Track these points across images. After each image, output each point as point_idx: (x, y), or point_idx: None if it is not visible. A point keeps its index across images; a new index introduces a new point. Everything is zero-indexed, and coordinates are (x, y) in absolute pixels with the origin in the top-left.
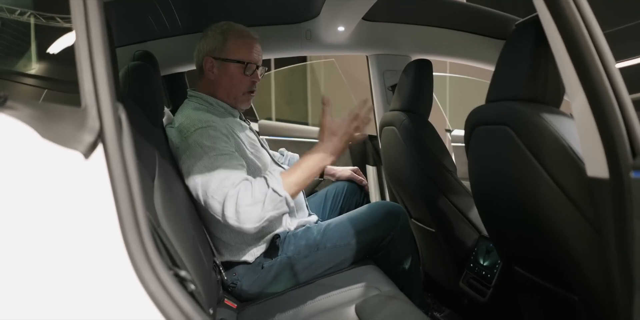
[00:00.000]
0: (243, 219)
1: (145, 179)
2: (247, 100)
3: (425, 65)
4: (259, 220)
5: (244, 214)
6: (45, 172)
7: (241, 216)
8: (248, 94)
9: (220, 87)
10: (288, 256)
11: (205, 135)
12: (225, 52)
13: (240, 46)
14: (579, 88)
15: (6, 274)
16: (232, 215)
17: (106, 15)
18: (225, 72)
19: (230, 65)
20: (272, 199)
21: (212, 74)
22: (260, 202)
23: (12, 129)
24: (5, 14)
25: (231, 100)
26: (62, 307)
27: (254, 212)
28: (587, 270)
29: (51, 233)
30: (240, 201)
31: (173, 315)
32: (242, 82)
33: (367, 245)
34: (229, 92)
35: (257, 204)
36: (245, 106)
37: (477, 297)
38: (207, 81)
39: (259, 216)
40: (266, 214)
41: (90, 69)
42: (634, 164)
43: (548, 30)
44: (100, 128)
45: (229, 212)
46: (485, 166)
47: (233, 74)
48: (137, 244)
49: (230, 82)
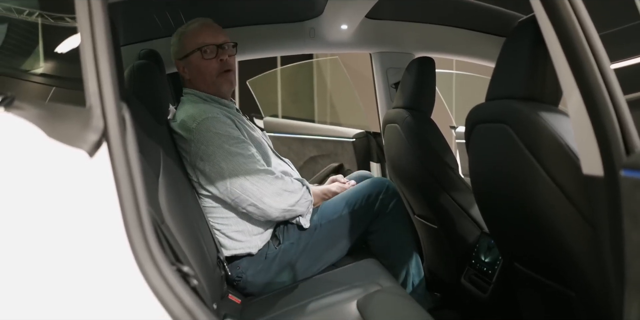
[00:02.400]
0: (280, 200)
1: (150, 176)
2: (226, 81)
3: (428, 63)
4: (289, 206)
5: (282, 196)
6: (51, 170)
7: (279, 198)
8: (223, 74)
9: (197, 81)
10: (290, 242)
11: (214, 123)
12: (182, 50)
13: (190, 37)
14: (574, 87)
15: (13, 270)
16: (270, 194)
17: (111, 15)
18: (192, 66)
19: (190, 58)
20: (305, 197)
21: (186, 74)
22: (298, 194)
23: (19, 129)
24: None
25: (212, 88)
26: (67, 302)
27: (290, 198)
28: (583, 266)
29: (57, 229)
30: (282, 185)
31: (175, 310)
32: (209, 66)
33: (359, 214)
34: (205, 81)
35: (295, 194)
36: (227, 86)
37: (478, 293)
38: (187, 82)
39: (292, 203)
40: (296, 206)
41: (94, 69)
42: (624, 163)
43: (544, 30)
44: (104, 127)
45: (268, 191)
46: (485, 164)
47: (197, 64)
48: (141, 240)
49: (199, 71)
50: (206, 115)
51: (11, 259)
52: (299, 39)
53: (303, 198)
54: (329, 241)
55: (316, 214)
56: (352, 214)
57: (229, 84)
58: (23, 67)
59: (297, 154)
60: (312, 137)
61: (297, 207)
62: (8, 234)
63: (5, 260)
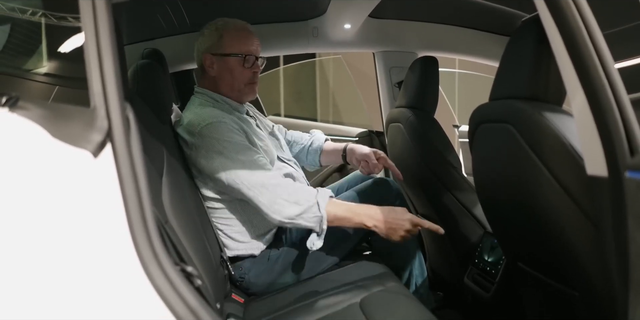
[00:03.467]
0: (277, 209)
1: (154, 176)
2: (251, 91)
3: (431, 62)
4: (288, 219)
5: (279, 205)
6: (56, 170)
7: (276, 206)
8: (250, 85)
9: (223, 82)
10: (293, 243)
11: (218, 129)
12: (222, 47)
13: (236, 40)
14: (578, 87)
15: (18, 269)
16: (265, 203)
17: (115, 14)
18: (225, 66)
19: (229, 59)
20: (313, 211)
21: (213, 70)
22: (302, 206)
23: (24, 129)
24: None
25: (235, 93)
26: (71, 302)
27: (289, 209)
28: (586, 266)
29: (61, 230)
30: (280, 192)
31: (179, 310)
32: (243, 74)
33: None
34: (232, 86)
35: (297, 206)
36: (251, 97)
37: (481, 292)
38: (208, 78)
39: (292, 215)
40: (298, 220)
41: (99, 70)
42: (628, 164)
43: (548, 30)
44: (108, 128)
45: (263, 199)
46: (488, 163)
47: (233, 68)
48: (145, 240)
49: (232, 76)
50: (210, 120)
51: (16, 259)
52: (302, 38)
53: (309, 212)
54: (332, 242)
55: None
56: None
57: (253, 95)
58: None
59: None
60: None
61: (299, 220)
62: (13, 233)
63: (10, 260)
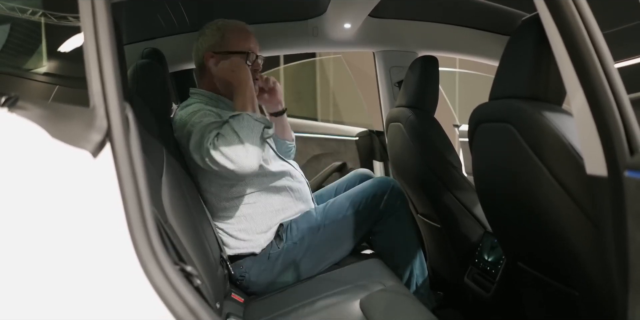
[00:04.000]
0: (236, 160)
1: (153, 176)
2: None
3: (431, 61)
4: (245, 154)
5: (233, 156)
6: (55, 170)
7: (233, 158)
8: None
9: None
10: (293, 242)
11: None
12: (224, 45)
13: (238, 38)
14: (578, 87)
15: (17, 269)
16: (224, 162)
17: (114, 14)
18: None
19: (232, 57)
20: (240, 125)
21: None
22: (235, 134)
23: (23, 129)
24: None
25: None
26: (70, 301)
27: (237, 149)
28: (586, 266)
29: (60, 229)
30: (220, 146)
31: (179, 310)
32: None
33: (363, 214)
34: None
35: (234, 139)
36: None
37: (481, 292)
38: (209, 77)
39: (245, 149)
40: (248, 142)
41: (98, 70)
42: (628, 163)
43: (548, 29)
44: (108, 127)
45: (220, 159)
46: (488, 163)
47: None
48: (144, 240)
49: None
50: (193, 109)
51: (15, 259)
52: (302, 38)
53: (243, 133)
54: (333, 241)
55: (320, 213)
56: (357, 214)
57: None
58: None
59: (300, 153)
60: (315, 135)
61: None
62: (12, 233)
63: (10, 260)
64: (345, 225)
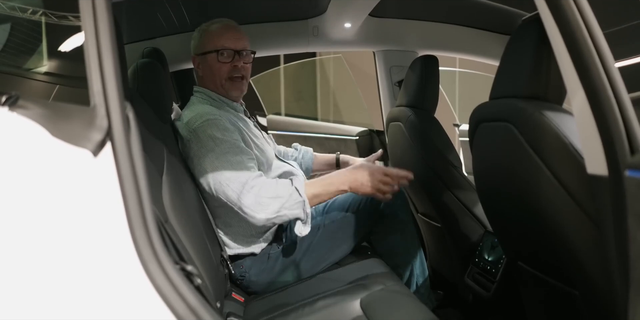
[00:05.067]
0: (260, 209)
1: (154, 175)
2: (235, 87)
3: (431, 61)
4: (273, 213)
5: (263, 205)
6: (56, 169)
7: (259, 207)
8: (232, 79)
9: (207, 80)
10: (293, 242)
11: (213, 126)
12: (201, 46)
13: (211, 37)
14: (578, 86)
15: (17, 269)
16: (249, 204)
17: (115, 13)
18: (206, 64)
19: (207, 57)
20: (294, 198)
21: (200, 70)
22: (283, 197)
23: (24, 128)
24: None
25: (220, 89)
26: (70, 301)
27: (273, 204)
28: (587, 265)
29: (61, 229)
30: (263, 192)
31: (179, 309)
32: (221, 68)
33: (363, 215)
34: (214, 82)
35: (279, 199)
36: (236, 92)
37: (481, 291)
38: (199, 78)
39: (275, 210)
40: (283, 211)
41: (98, 69)
42: (629, 163)
43: (549, 29)
44: (108, 127)
45: (246, 200)
46: (489, 163)
47: (211, 64)
48: (145, 239)
49: (212, 72)
50: (207, 117)
51: (16, 258)
52: (302, 37)
53: (291, 200)
54: (333, 241)
55: (320, 213)
56: (357, 215)
57: (238, 91)
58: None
59: None
60: (316, 135)
61: (284, 211)
62: (13, 232)
63: (10, 259)
64: (345, 225)
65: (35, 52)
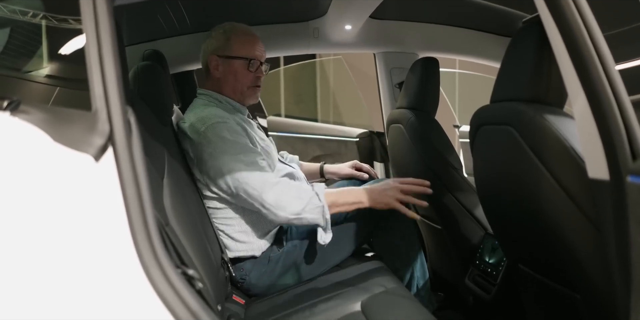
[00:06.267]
0: (282, 206)
1: (155, 178)
2: (253, 95)
3: (432, 63)
4: (294, 214)
5: (285, 202)
6: (58, 174)
7: (282, 203)
8: (253, 88)
9: (226, 84)
10: (294, 245)
11: (223, 129)
12: (228, 50)
13: (242, 44)
14: (579, 89)
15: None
16: (271, 201)
17: (116, 16)
18: (230, 69)
19: (234, 62)
20: (314, 202)
21: (218, 72)
22: (304, 200)
23: (26, 133)
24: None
25: (237, 95)
26: (72, 306)
27: (295, 204)
28: (588, 269)
29: (63, 233)
30: (286, 191)
31: (181, 313)
32: (247, 77)
33: (364, 217)
34: (235, 88)
35: (301, 200)
36: (252, 100)
37: (482, 294)
38: (213, 79)
39: (297, 210)
40: (303, 213)
41: (100, 73)
42: (630, 168)
43: (549, 32)
44: (110, 131)
45: (268, 197)
46: (489, 166)
47: (237, 70)
48: (146, 244)
49: (235, 78)
50: (216, 120)
51: (17, 263)
52: (302, 39)
53: (311, 204)
54: (333, 244)
55: None
56: (358, 217)
57: (255, 99)
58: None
59: (301, 154)
60: (316, 136)
61: (304, 214)
62: (15, 237)
63: (12, 264)
64: (346, 228)
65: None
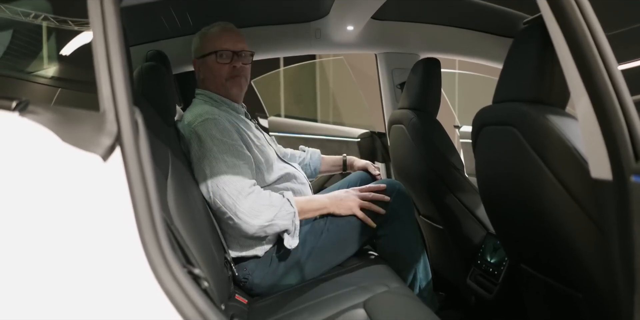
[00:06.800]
0: (256, 214)
1: (159, 178)
2: (235, 85)
3: (433, 63)
4: (268, 220)
5: (258, 211)
6: (66, 174)
7: (255, 212)
8: (232, 79)
9: (208, 81)
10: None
11: (212, 126)
12: (200, 50)
13: (209, 40)
14: (582, 90)
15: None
16: (244, 210)
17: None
18: (206, 67)
19: (206, 59)
20: (286, 209)
21: (200, 73)
22: (277, 207)
23: (35, 133)
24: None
25: (221, 90)
26: (80, 305)
27: (267, 212)
28: (590, 269)
29: (71, 233)
30: (258, 200)
31: (188, 312)
32: (221, 69)
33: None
34: (216, 83)
35: (274, 207)
36: (237, 90)
37: (484, 293)
38: (200, 81)
39: (270, 217)
40: (275, 220)
41: (108, 75)
42: (633, 169)
43: (552, 32)
44: (118, 131)
45: (242, 206)
46: (492, 166)
47: (210, 66)
48: (154, 243)
49: (212, 74)
50: (206, 117)
51: (26, 263)
52: (304, 40)
53: (283, 210)
54: (336, 245)
55: (324, 218)
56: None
57: (238, 88)
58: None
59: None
60: (317, 136)
61: (277, 220)
62: (24, 237)
63: (21, 263)
64: (348, 229)
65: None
